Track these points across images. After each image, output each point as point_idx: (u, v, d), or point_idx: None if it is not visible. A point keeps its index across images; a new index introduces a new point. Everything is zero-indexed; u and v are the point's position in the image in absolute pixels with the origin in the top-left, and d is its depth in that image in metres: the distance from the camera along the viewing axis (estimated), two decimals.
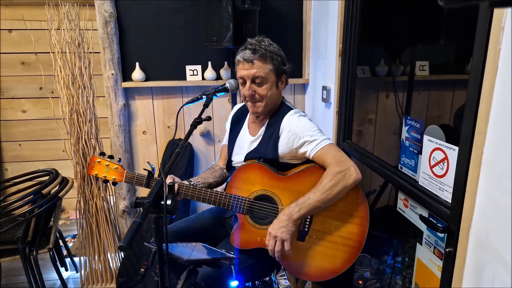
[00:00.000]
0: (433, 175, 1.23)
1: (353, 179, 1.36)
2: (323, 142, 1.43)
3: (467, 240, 1.01)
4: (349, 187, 1.37)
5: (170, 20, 2.44)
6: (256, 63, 1.46)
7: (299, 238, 1.45)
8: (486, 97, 0.92)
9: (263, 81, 1.48)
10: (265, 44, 1.49)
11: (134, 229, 0.77)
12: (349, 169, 1.36)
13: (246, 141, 1.63)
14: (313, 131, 1.46)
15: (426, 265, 1.31)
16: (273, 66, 1.49)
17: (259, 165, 1.48)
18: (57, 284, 2.39)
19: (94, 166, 1.57)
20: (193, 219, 1.72)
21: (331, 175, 1.35)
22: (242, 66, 1.49)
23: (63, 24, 2.12)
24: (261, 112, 1.54)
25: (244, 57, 1.47)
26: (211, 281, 1.37)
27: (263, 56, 1.46)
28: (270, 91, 1.50)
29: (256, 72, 1.46)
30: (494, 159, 0.92)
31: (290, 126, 1.48)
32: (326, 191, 1.34)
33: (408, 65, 2.17)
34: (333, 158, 1.39)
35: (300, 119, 1.51)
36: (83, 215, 2.33)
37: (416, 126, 1.38)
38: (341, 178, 1.35)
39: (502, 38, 0.88)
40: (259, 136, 1.58)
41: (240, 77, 1.51)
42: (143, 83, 2.47)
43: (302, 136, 1.45)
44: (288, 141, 1.48)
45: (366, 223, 1.43)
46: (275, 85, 1.52)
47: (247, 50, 1.46)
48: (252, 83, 1.48)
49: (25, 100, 3.08)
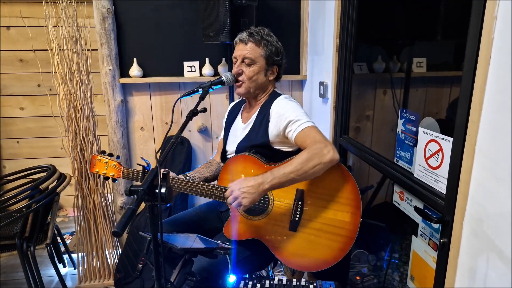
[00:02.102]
0: (428, 166, 1.23)
1: (330, 156, 1.34)
2: (306, 124, 1.44)
3: (461, 230, 1.02)
4: (325, 164, 1.34)
5: (167, 16, 2.45)
6: (249, 44, 1.55)
7: (291, 228, 1.46)
8: (480, 87, 0.93)
9: (251, 62, 1.55)
10: (263, 32, 1.57)
11: (128, 215, 0.77)
12: (327, 146, 1.36)
13: (239, 129, 1.66)
14: (298, 113, 1.47)
15: (421, 257, 1.31)
16: (265, 52, 1.56)
17: (249, 157, 1.50)
18: (55, 280, 2.39)
19: (96, 164, 1.62)
20: (190, 212, 1.73)
21: (308, 149, 1.36)
22: (237, 46, 1.58)
23: (61, 21, 2.12)
24: (243, 93, 1.59)
25: (240, 38, 1.57)
26: (206, 274, 1.37)
27: (258, 40, 1.55)
28: (257, 76, 1.56)
29: (247, 53, 1.54)
30: (487, 148, 0.92)
31: (278, 108, 1.51)
32: (301, 163, 1.33)
33: (405, 61, 2.17)
34: (313, 138, 1.40)
35: (288, 102, 1.54)
36: (81, 212, 2.33)
37: (412, 118, 1.38)
38: (317, 153, 1.34)
39: (495, 28, 0.89)
40: (250, 123, 1.61)
41: (233, 57, 1.59)
42: (140, 79, 2.48)
43: (287, 116, 1.47)
44: (276, 123, 1.50)
45: (358, 212, 1.43)
46: (263, 71, 1.58)
47: (245, 33, 1.56)
48: (242, 62, 1.56)
49: (23, 98, 3.08)
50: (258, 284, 1.29)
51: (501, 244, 0.89)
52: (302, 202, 1.45)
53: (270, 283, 1.30)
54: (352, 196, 1.44)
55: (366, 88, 2.34)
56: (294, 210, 1.45)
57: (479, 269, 0.97)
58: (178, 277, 1.09)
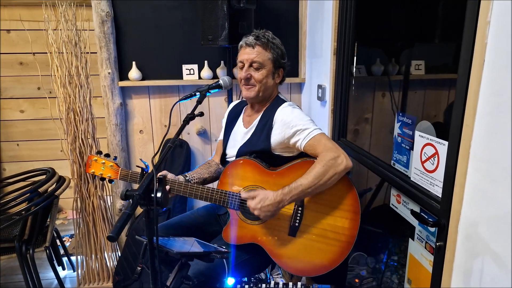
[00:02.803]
0: (425, 170, 1.24)
1: (344, 165, 1.36)
2: (314, 132, 1.44)
3: (456, 233, 1.02)
4: (339, 173, 1.37)
5: (166, 19, 2.46)
6: (257, 48, 1.53)
7: (290, 233, 1.46)
8: (474, 91, 0.93)
9: (260, 66, 1.54)
10: (268, 35, 1.56)
11: (123, 220, 0.78)
12: (340, 156, 1.37)
13: (240, 133, 1.65)
14: (305, 121, 1.47)
15: (418, 260, 1.31)
16: (272, 55, 1.55)
17: (250, 161, 1.50)
18: (54, 283, 2.39)
19: (91, 165, 1.61)
20: (188, 215, 1.73)
21: (322, 161, 1.36)
22: (244, 50, 1.56)
23: (60, 24, 2.13)
24: (253, 97, 1.57)
25: (246, 42, 1.55)
26: (203, 278, 1.37)
27: (265, 44, 1.54)
28: (266, 79, 1.55)
29: (255, 57, 1.53)
30: (482, 151, 0.92)
31: (283, 116, 1.50)
32: (318, 177, 1.35)
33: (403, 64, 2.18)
34: (324, 146, 1.40)
35: (294, 110, 1.53)
36: (80, 214, 2.34)
37: (408, 122, 1.38)
38: (332, 165, 1.35)
39: (488, 33, 0.89)
40: (252, 127, 1.60)
41: (240, 61, 1.57)
42: (139, 82, 2.48)
43: (294, 125, 1.46)
44: (281, 131, 1.49)
45: (357, 218, 1.43)
46: (271, 74, 1.57)
47: (251, 37, 1.55)
48: (250, 67, 1.54)
49: (23, 100, 3.09)
50: (255, 287, 1.29)
51: (496, 247, 0.89)
52: (302, 207, 1.45)
53: (266, 287, 1.30)
54: (351, 202, 1.44)
55: (364, 91, 2.34)
56: (294, 215, 1.45)
57: (474, 272, 0.97)
58: (174, 281, 1.09)
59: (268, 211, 1.35)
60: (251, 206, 1.36)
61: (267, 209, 1.35)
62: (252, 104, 1.67)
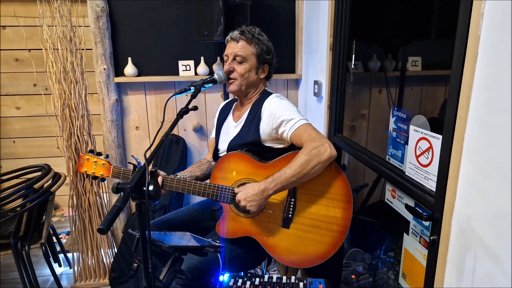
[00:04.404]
0: (419, 164, 1.23)
1: (328, 154, 1.36)
2: (300, 122, 1.45)
3: (449, 227, 1.02)
4: (323, 162, 1.37)
5: (162, 15, 2.45)
6: (241, 42, 1.57)
7: (284, 225, 1.46)
8: (467, 83, 0.93)
9: (243, 60, 1.56)
10: (254, 31, 1.59)
11: (113, 213, 0.77)
12: (323, 145, 1.37)
13: (230, 128, 1.66)
14: (291, 111, 1.48)
15: (412, 255, 1.31)
16: (256, 50, 1.58)
17: (242, 154, 1.50)
18: (50, 280, 2.39)
19: (83, 164, 1.62)
20: (183, 210, 1.73)
21: (306, 150, 1.37)
22: (229, 44, 1.60)
23: (55, 20, 2.12)
24: (235, 90, 1.60)
25: (232, 36, 1.60)
26: (197, 273, 1.37)
27: (249, 38, 1.57)
28: (248, 73, 1.58)
29: (239, 51, 1.56)
30: (475, 144, 0.92)
31: (270, 107, 1.52)
32: (301, 166, 1.35)
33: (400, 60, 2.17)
34: (309, 136, 1.41)
35: (281, 101, 1.55)
36: (76, 211, 2.33)
37: (403, 116, 1.38)
38: (315, 154, 1.36)
39: (482, 25, 0.89)
40: (241, 121, 1.61)
41: (225, 55, 1.61)
42: (135, 78, 2.47)
43: (280, 116, 1.47)
44: (268, 122, 1.50)
45: (350, 207, 1.45)
46: (254, 69, 1.59)
47: (236, 31, 1.58)
48: (233, 60, 1.57)
49: (19, 97, 3.07)
50: (249, 281, 1.29)
51: (489, 241, 0.89)
52: (295, 199, 1.45)
53: (260, 281, 1.30)
54: (343, 191, 1.45)
55: (361, 86, 2.34)
56: (287, 207, 1.46)
57: (467, 266, 0.97)
58: (167, 275, 1.09)
59: (253, 200, 1.35)
60: (237, 198, 1.38)
61: (252, 198, 1.35)
62: (240, 98, 1.69)
